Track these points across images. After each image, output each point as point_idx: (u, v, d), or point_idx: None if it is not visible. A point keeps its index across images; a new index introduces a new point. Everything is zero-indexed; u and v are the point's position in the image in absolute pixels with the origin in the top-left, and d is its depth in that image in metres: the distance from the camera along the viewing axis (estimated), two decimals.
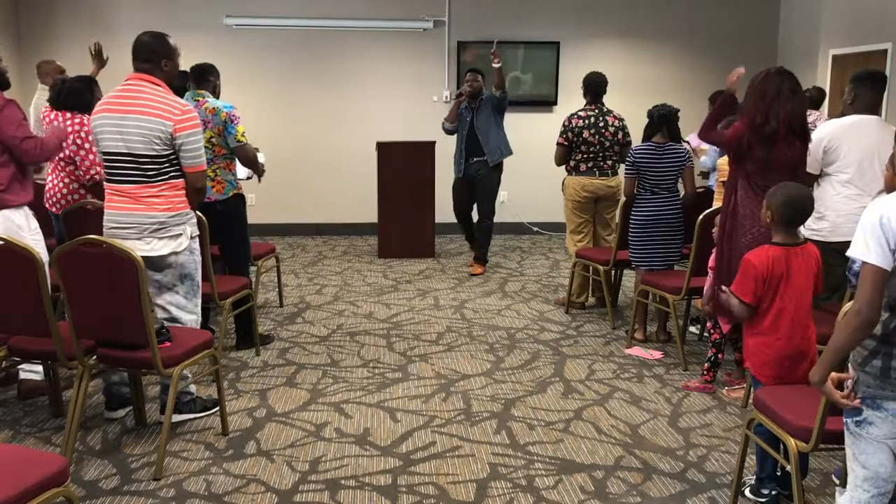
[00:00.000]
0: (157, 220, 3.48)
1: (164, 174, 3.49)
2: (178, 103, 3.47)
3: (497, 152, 6.67)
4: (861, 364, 2.24)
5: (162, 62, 3.53)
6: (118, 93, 3.51)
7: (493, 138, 6.65)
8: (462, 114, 6.72)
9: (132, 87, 3.49)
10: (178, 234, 3.54)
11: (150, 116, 3.41)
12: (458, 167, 6.80)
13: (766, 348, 3.02)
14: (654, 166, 4.82)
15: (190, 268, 3.64)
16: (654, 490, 3.18)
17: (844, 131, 3.89)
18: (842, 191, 3.89)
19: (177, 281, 3.60)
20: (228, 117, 4.51)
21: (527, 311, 5.77)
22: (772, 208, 3.03)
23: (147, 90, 3.47)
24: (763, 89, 3.64)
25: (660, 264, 4.91)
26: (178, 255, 3.55)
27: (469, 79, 6.70)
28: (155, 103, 3.43)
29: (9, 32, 7.81)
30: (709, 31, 8.72)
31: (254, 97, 8.09)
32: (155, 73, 3.51)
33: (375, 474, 3.28)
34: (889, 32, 6.68)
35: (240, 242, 4.78)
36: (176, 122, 3.42)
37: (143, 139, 3.42)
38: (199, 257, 3.71)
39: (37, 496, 2.24)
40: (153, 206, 3.47)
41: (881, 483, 2.27)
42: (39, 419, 3.81)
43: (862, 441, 2.27)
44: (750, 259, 3.04)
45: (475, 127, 6.64)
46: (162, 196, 3.49)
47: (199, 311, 3.75)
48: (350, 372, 4.48)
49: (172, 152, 3.48)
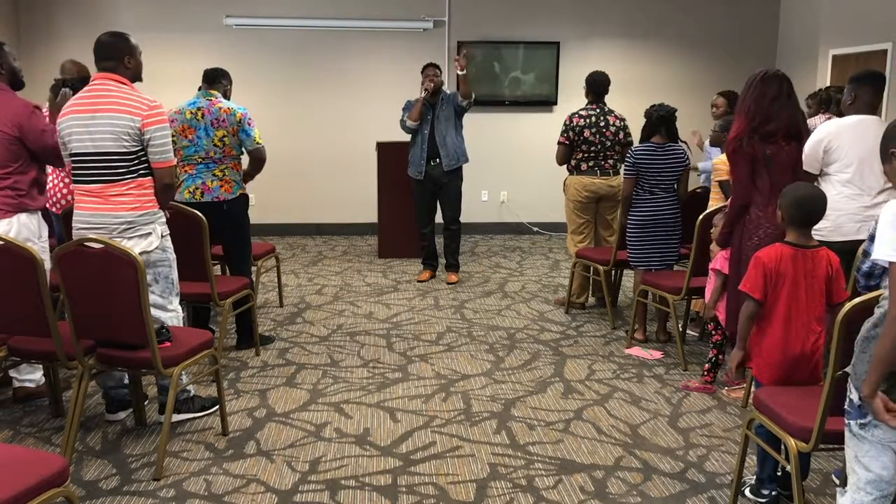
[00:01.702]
0: (125, 219, 3.47)
1: (133, 172, 3.47)
2: (146, 99, 3.48)
3: (454, 158, 6.31)
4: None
5: (125, 59, 3.52)
6: (85, 94, 3.50)
7: (450, 142, 6.29)
8: (422, 112, 6.31)
9: (98, 87, 3.49)
10: (148, 234, 3.53)
11: (119, 113, 3.41)
12: (418, 168, 6.41)
13: (773, 350, 3.00)
14: (653, 167, 4.82)
15: (163, 266, 3.62)
16: (654, 490, 3.18)
17: (844, 131, 3.90)
18: (842, 190, 3.89)
19: (151, 281, 3.57)
20: (244, 119, 4.53)
21: (527, 311, 5.77)
22: (782, 209, 3.04)
23: (113, 88, 3.47)
24: (763, 90, 3.69)
25: (658, 264, 4.91)
26: (148, 254, 3.52)
27: (429, 73, 6.30)
28: (122, 100, 3.43)
29: (9, 32, 7.81)
30: (709, 31, 8.72)
31: (254, 97, 8.09)
32: (119, 71, 3.50)
33: (375, 474, 3.28)
34: (889, 32, 6.68)
35: (242, 243, 4.79)
36: (144, 118, 3.42)
37: (112, 136, 3.41)
38: (173, 255, 3.68)
39: (37, 496, 2.24)
40: (120, 206, 3.46)
41: (884, 486, 2.24)
42: (39, 419, 3.81)
43: (866, 443, 2.23)
44: (759, 255, 3.04)
45: (435, 127, 6.31)
46: (129, 195, 3.47)
47: (177, 307, 3.73)
48: (350, 372, 4.48)
49: (141, 148, 3.48)
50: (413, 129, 6.35)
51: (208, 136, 4.50)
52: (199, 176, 4.55)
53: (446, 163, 6.29)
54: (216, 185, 4.55)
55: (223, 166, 4.55)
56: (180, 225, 3.94)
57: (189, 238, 4.06)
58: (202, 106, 4.53)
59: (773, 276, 2.99)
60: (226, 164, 4.57)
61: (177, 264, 3.70)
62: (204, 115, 4.51)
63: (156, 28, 8.10)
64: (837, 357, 2.48)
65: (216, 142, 4.52)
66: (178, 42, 8.20)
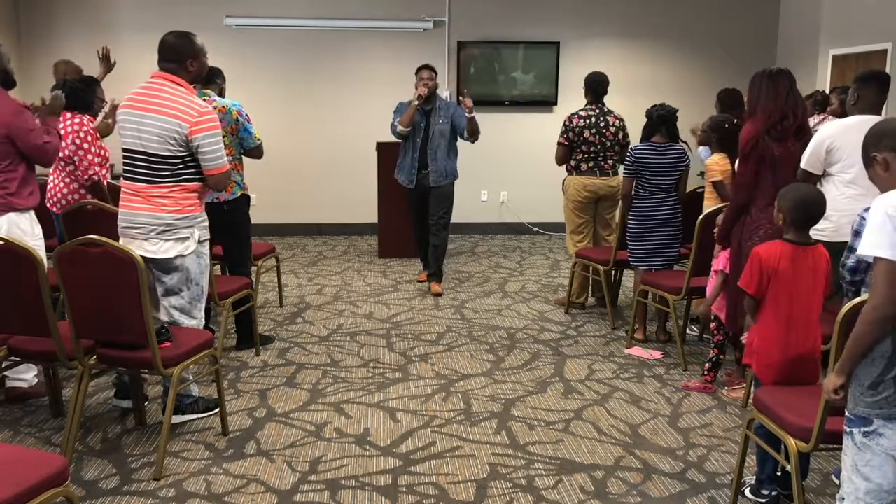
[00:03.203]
0: (164, 221, 3.46)
1: (177, 176, 3.47)
2: (197, 104, 3.45)
3: (443, 175, 5.98)
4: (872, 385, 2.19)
5: (188, 62, 3.51)
6: (141, 90, 3.51)
7: (441, 159, 5.95)
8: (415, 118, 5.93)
9: (154, 86, 3.48)
10: (186, 238, 3.52)
11: (168, 117, 3.40)
12: (408, 177, 6.07)
13: (773, 349, 3.00)
14: (653, 166, 4.82)
15: (195, 272, 3.60)
16: (654, 490, 3.18)
17: (847, 131, 3.89)
18: (845, 191, 3.89)
19: (182, 285, 3.58)
20: (241, 116, 4.53)
21: (527, 311, 5.77)
22: (783, 210, 3.03)
23: (168, 90, 3.46)
24: (775, 88, 3.76)
25: (659, 264, 4.91)
26: (184, 258, 3.52)
27: (424, 76, 5.92)
28: (174, 104, 3.42)
29: (9, 32, 7.81)
30: (709, 32, 8.72)
31: (254, 97, 8.07)
32: (179, 74, 3.50)
33: (375, 474, 3.28)
34: (889, 32, 6.68)
35: (243, 243, 4.78)
36: (192, 125, 3.40)
37: (159, 139, 3.41)
38: (207, 261, 3.68)
39: (37, 496, 2.24)
40: (161, 207, 3.46)
41: (883, 495, 2.21)
42: (39, 419, 3.81)
43: (868, 452, 2.21)
44: (758, 251, 3.04)
45: (429, 140, 5.95)
46: (171, 197, 3.47)
47: (201, 315, 3.72)
48: (350, 372, 4.48)
49: (188, 154, 3.46)
50: (404, 135, 5.96)
51: None
52: None
53: (433, 178, 5.99)
54: None
55: None
56: None
57: None
58: None
59: (770, 272, 2.99)
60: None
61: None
62: None
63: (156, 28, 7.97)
64: (837, 357, 2.48)
65: None
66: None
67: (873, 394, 2.19)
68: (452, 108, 6.05)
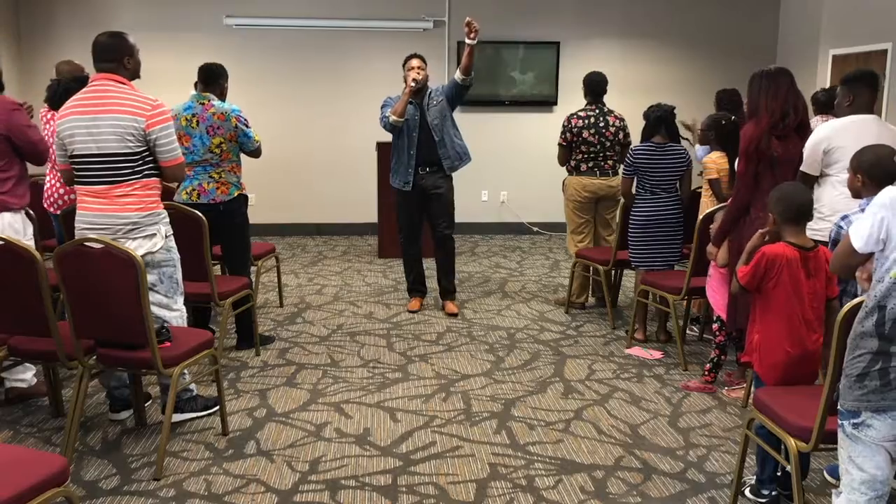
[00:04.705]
0: (129, 220, 3.46)
1: (138, 173, 3.46)
2: (148, 99, 3.46)
3: (457, 158, 5.47)
4: (858, 378, 2.24)
5: (125, 60, 3.50)
6: (85, 95, 3.48)
7: (449, 140, 5.42)
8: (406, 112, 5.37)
9: (99, 88, 3.47)
10: (153, 234, 3.52)
11: (122, 114, 3.40)
12: (405, 178, 5.44)
13: (777, 350, 3.00)
14: (654, 166, 4.82)
15: (167, 266, 3.61)
16: (654, 490, 3.18)
17: (844, 131, 3.89)
18: (843, 191, 3.87)
19: (156, 281, 3.58)
20: (239, 122, 4.53)
21: (527, 311, 5.77)
22: (772, 211, 3.08)
23: (113, 89, 3.45)
24: (776, 87, 3.77)
25: (660, 264, 4.91)
26: (153, 254, 3.53)
27: (415, 65, 5.39)
28: (125, 100, 3.42)
29: (9, 32, 7.81)
30: (708, 32, 8.72)
31: (254, 97, 8.08)
32: (119, 72, 3.49)
33: (375, 474, 3.28)
34: (889, 32, 6.68)
35: (241, 243, 4.78)
36: (148, 118, 3.41)
37: (116, 137, 3.40)
38: (177, 255, 3.68)
39: (37, 496, 2.24)
40: (126, 207, 3.45)
41: (878, 486, 2.26)
42: (39, 419, 3.81)
43: (859, 444, 2.26)
44: (765, 250, 3.05)
45: (430, 128, 5.36)
46: (134, 195, 3.46)
47: (181, 307, 3.73)
48: (350, 372, 4.48)
49: (146, 149, 3.47)
50: (398, 125, 5.35)
51: (204, 144, 4.50)
52: (196, 178, 4.55)
53: (448, 164, 5.44)
54: (212, 187, 4.54)
55: (220, 170, 4.55)
56: (181, 225, 3.94)
57: (189, 238, 4.06)
58: (196, 112, 4.51)
59: (774, 271, 2.99)
60: (223, 168, 4.57)
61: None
62: (199, 122, 4.49)
63: (156, 28, 8.09)
64: (837, 357, 2.48)
65: (213, 149, 4.51)
66: (178, 42, 8.19)
67: (860, 387, 2.25)
68: (442, 87, 5.56)
